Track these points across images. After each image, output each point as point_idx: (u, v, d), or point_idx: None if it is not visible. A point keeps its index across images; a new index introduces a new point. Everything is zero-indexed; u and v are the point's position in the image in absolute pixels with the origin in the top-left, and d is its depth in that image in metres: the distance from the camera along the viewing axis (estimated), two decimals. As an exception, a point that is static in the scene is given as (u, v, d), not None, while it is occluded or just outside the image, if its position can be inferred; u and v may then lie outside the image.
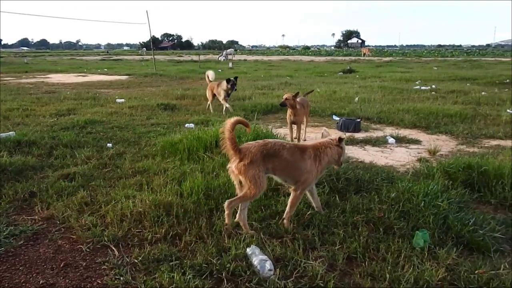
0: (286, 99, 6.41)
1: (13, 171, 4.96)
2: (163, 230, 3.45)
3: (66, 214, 3.84)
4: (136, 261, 3.04)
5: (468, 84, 15.59)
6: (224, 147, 3.38)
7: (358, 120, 7.96)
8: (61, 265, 3.07)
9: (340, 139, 3.65)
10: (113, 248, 3.27)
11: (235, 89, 9.68)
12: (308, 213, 3.75)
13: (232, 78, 9.47)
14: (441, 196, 3.89)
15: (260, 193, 3.39)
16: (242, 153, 3.33)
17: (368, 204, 3.93)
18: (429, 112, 8.99)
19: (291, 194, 3.58)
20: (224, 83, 9.39)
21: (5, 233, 3.50)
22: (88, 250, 3.27)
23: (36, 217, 3.88)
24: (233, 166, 3.36)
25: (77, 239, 3.43)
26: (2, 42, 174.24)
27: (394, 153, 6.27)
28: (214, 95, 9.74)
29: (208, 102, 9.97)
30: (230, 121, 3.30)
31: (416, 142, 6.96)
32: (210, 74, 10.27)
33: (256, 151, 3.34)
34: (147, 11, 23.84)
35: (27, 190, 4.41)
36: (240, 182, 3.40)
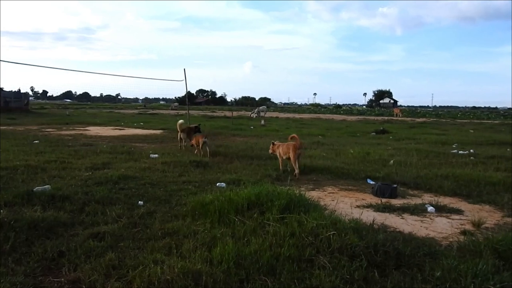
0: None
1: (44, 227, 4.94)
2: (191, 302, 3.27)
3: (92, 278, 3.72)
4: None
5: (508, 149, 15.03)
6: None
7: (395, 186, 7.67)
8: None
9: None
10: (138, 320, 3.10)
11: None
12: (346, 290, 3.49)
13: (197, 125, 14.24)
14: (492, 278, 3.56)
15: None
16: None
17: (411, 282, 3.64)
18: (470, 179, 8.58)
19: None
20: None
21: (30, 297, 3.40)
22: (111, 321, 3.11)
23: (63, 279, 3.78)
24: None
25: (102, 308, 3.29)
26: (48, 94, 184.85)
27: (435, 224, 5.93)
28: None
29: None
30: None
31: (458, 212, 6.57)
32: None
33: None
34: (184, 69, 24.77)
35: (56, 249, 4.34)
36: None
